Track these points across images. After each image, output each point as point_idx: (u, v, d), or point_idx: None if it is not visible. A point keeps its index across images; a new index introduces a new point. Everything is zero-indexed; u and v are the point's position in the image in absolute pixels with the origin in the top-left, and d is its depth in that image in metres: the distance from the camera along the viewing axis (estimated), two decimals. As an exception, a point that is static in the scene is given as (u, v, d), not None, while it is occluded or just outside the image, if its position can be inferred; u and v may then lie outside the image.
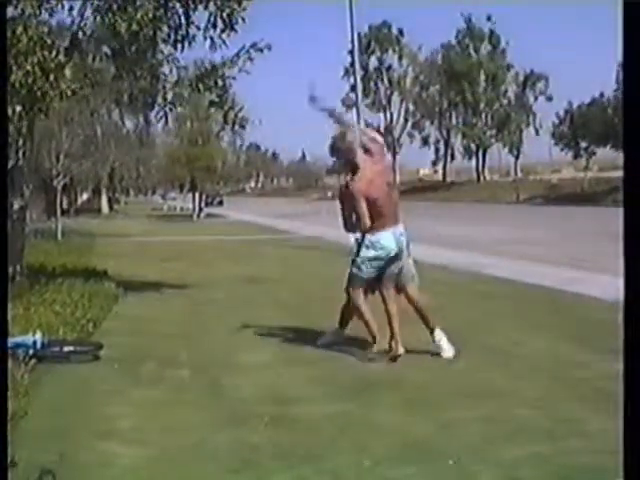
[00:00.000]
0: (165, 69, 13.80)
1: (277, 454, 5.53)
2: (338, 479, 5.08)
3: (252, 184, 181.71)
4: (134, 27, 12.31)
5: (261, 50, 13.68)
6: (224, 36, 13.20)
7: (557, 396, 6.92)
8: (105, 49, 13.21)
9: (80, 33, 12.85)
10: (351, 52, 28.48)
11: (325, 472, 5.16)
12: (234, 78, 13.99)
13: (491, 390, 7.08)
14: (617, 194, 59.37)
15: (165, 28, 12.90)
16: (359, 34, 61.19)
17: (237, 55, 13.65)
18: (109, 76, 13.80)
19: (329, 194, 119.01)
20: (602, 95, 69.18)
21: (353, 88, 34.50)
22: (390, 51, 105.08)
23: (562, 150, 78.73)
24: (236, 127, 15.04)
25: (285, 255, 23.62)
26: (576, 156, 77.20)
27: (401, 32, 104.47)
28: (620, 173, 78.88)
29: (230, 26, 13.11)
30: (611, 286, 14.07)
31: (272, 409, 6.60)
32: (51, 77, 11.92)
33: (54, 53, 12.06)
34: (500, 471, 5.09)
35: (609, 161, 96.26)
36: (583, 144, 73.09)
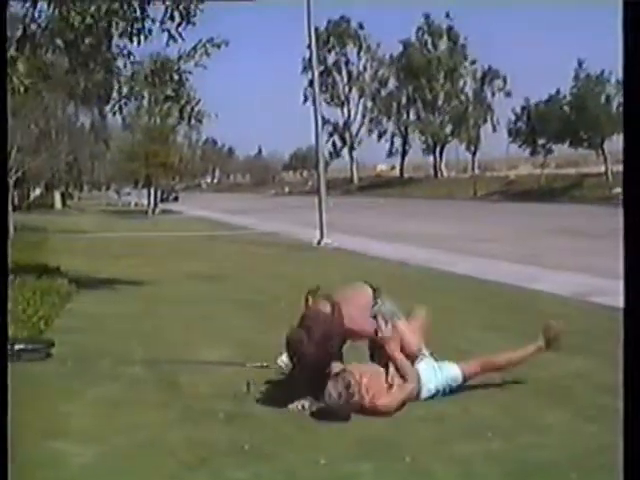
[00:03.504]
0: (120, 63, 13.66)
1: (233, 451, 5.46)
2: (293, 476, 5.04)
3: (208, 180, 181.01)
4: (88, 20, 12.15)
5: (218, 46, 13.59)
6: (181, 29, 13.10)
7: (514, 393, 6.89)
8: (58, 42, 13.01)
9: (33, 25, 12.66)
10: (309, 47, 28.38)
11: (280, 470, 5.13)
12: (190, 72, 13.88)
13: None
14: (573, 191, 59.86)
15: (120, 21, 12.75)
16: (317, 29, 61.16)
17: (194, 49, 13.54)
18: (62, 70, 13.61)
19: (286, 190, 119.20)
20: (558, 92, 69.53)
21: (311, 83, 34.46)
22: (349, 46, 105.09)
23: (520, 147, 79.08)
24: (192, 122, 14.91)
25: (241, 251, 23.55)
26: (533, 153, 77.64)
27: (361, 26, 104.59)
28: (576, 170, 79.52)
29: (187, 19, 13.00)
30: (567, 282, 14.19)
31: (228, 406, 6.53)
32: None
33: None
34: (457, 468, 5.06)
35: (566, 158, 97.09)
36: (540, 141, 73.45)
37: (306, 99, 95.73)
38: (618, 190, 52.83)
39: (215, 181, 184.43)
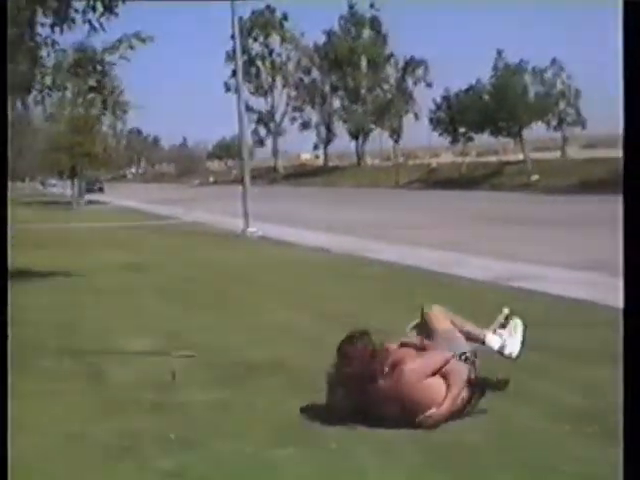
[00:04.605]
0: (43, 52, 13.62)
1: (158, 441, 5.53)
2: (219, 465, 5.11)
3: (133, 170, 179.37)
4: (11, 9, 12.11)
5: (144, 40, 13.62)
6: (103, 20, 13.10)
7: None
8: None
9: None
10: (233, 36, 28.40)
11: (205, 458, 5.20)
12: (114, 64, 13.89)
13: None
14: (494, 178, 60.65)
15: (44, 10, 12.73)
16: (241, 18, 60.92)
17: (118, 42, 13.55)
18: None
19: (211, 179, 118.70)
20: (479, 82, 70.28)
21: (235, 73, 34.47)
22: (273, 36, 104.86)
23: (440, 135, 79.85)
24: (117, 112, 14.93)
25: (167, 241, 23.53)
26: (454, 141, 78.43)
27: (285, 17, 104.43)
28: (496, 158, 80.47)
29: (109, 9, 13.00)
30: (488, 267, 14.51)
31: (154, 396, 6.61)
32: None
33: None
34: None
35: (486, 146, 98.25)
36: (461, 130, 74.20)
37: (228, 89, 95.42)
38: (536, 177, 53.78)
39: (140, 171, 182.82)
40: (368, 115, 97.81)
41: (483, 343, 6.27)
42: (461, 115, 70.22)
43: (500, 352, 6.27)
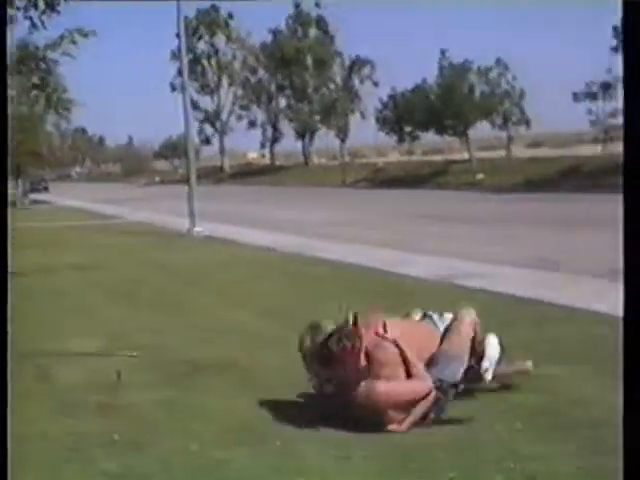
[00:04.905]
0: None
1: (105, 442, 5.49)
2: (166, 465, 5.07)
3: (78, 169, 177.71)
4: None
5: (85, 35, 13.51)
6: (45, 17, 12.97)
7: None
8: None
9: None
10: (177, 35, 28.31)
11: (153, 459, 5.17)
12: (57, 61, 13.78)
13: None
14: (439, 177, 60.96)
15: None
16: (187, 17, 60.62)
17: (60, 38, 13.44)
18: None
19: (157, 179, 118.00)
20: (425, 81, 70.61)
21: (180, 72, 34.32)
22: (218, 35, 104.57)
23: (387, 134, 79.97)
24: (60, 110, 14.81)
25: (112, 240, 23.40)
26: (400, 140, 78.64)
27: (230, 16, 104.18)
28: (442, 157, 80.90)
29: (51, 7, 12.88)
30: (432, 266, 14.59)
31: (100, 397, 6.57)
32: None
33: None
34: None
35: (432, 145, 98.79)
36: (407, 129, 74.43)
37: (174, 88, 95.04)
38: (481, 176, 54.18)
39: (86, 170, 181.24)
40: (314, 114, 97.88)
41: (481, 359, 6.18)
42: (407, 114, 70.49)
43: (481, 374, 6.15)
